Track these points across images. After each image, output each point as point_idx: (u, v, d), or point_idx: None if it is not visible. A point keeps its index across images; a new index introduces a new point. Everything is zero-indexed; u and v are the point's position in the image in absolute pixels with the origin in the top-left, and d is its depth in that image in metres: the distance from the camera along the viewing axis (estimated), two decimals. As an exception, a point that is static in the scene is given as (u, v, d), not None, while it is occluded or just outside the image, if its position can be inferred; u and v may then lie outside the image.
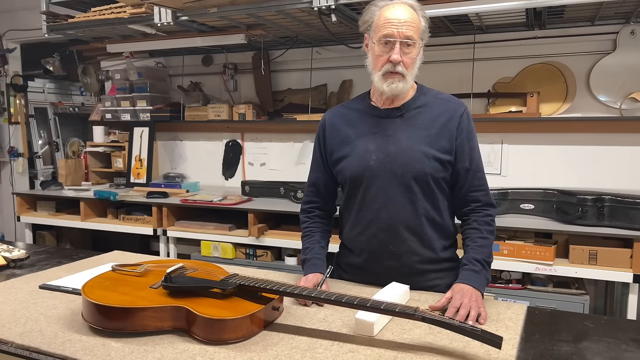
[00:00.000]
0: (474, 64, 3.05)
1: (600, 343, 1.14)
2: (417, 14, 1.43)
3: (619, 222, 2.35)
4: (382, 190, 1.48)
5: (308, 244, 1.59)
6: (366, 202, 1.51)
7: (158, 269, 1.41)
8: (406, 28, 1.39)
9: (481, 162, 1.52)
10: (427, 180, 1.46)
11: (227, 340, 1.11)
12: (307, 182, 1.67)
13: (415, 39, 1.41)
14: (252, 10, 2.62)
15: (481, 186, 1.50)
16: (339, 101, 3.36)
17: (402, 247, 1.49)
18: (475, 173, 1.49)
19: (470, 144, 1.49)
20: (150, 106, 3.74)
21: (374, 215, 1.50)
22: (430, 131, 1.47)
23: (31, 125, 5.18)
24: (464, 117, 1.49)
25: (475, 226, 1.48)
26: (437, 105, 1.51)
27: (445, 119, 1.48)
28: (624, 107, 2.78)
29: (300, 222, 1.67)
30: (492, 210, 1.51)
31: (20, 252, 1.77)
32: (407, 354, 1.07)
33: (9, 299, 1.40)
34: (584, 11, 2.62)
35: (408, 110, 1.50)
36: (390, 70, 1.42)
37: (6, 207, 4.84)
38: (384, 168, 1.47)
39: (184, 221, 3.20)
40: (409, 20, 1.40)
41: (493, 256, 1.49)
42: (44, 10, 3.18)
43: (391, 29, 1.40)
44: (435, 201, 1.49)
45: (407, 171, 1.45)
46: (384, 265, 1.51)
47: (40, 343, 1.11)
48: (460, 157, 1.48)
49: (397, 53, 1.40)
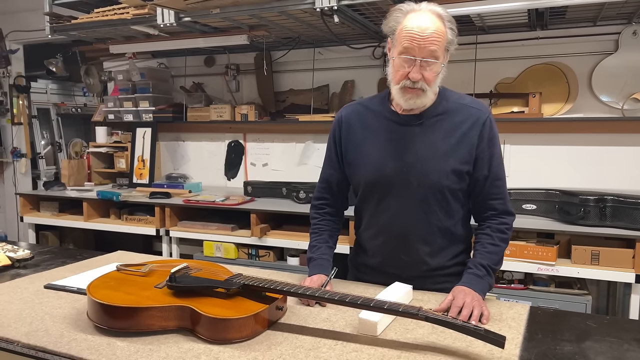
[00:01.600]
0: (476, 65, 3.06)
1: (603, 343, 1.14)
2: (444, 24, 1.35)
3: (621, 223, 2.35)
4: (396, 200, 1.45)
5: (315, 242, 1.58)
6: (379, 209, 1.49)
7: (162, 269, 1.42)
8: (430, 43, 1.31)
9: (501, 169, 1.47)
10: (443, 192, 1.43)
11: (231, 339, 1.11)
12: (320, 178, 1.63)
13: (438, 54, 1.33)
14: (254, 11, 2.62)
15: (499, 194, 1.45)
16: (341, 102, 3.37)
17: (413, 256, 1.48)
18: (494, 181, 1.44)
19: (490, 151, 1.43)
20: (153, 107, 3.75)
21: (386, 223, 1.48)
22: (450, 140, 1.42)
23: (34, 125, 5.19)
24: (487, 124, 1.43)
25: (488, 232, 1.45)
26: (458, 112, 1.44)
27: (467, 127, 1.42)
28: (626, 107, 2.78)
29: (310, 218, 1.65)
30: (508, 218, 1.47)
31: (24, 252, 1.77)
32: (410, 354, 1.07)
33: (14, 298, 1.41)
34: (586, 12, 2.62)
35: (428, 118, 1.44)
36: (409, 86, 1.36)
37: (9, 208, 4.85)
38: (400, 178, 1.43)
39: (187, 221, 3.21)
40: (434, 32, 1.31)
41: (502, 263, 1.46)
42: (47, 11, 3.20)
43: (412, 44, 1.31)
44: (450, 211, 1.46)
45: (423, 182, 1.42)
46: (394, 269, 1.50)
47: (46, 342, 1.12)
48: (479, 165, 1.43)
49: (417, 72, 1.33)
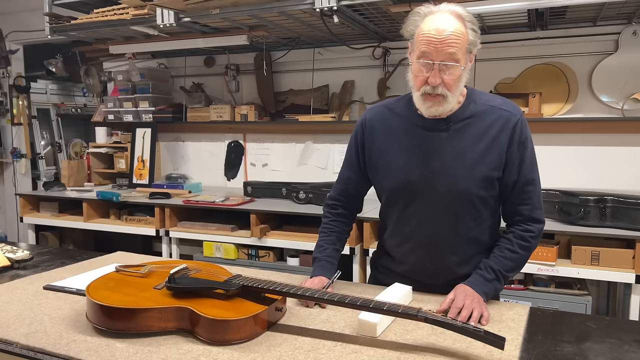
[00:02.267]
0: (476, 65, 3.04)
1: (603, 344, 1.14)
2: (465, 25, 1.28)
3: (622, 223, 2.35)
4: (423, 207, 1.40)
5: (323, 242, 1.56)
6: (405, 216, 1.44)
7: (161, 270, 1.42)
8: (447, 45, 1.25)
9: (534, 174, 1.38)
10: (472, 200, 1.37)
11: (230, 340, 1.11)
12: (338, 179, 1.59)
13: (458, 57, 1.26)
14: (254, 12, 2.62)
15: (527, 200, 1.38)
16: (341, 102, 3.37)
17: (440, 265, 1.43)
18: (523, 186, 1.37)
19: (521, 154, 1.37)
20: (153, 107, 3.75)
21: (412, 231, 1.44)
22: (479, 146, 1.36)
23: (34, 126, 5.19)
24: (518, 126, 1.36)
25: (510, 237, 1.40)
26: (488, 114, 1.38)
27: (497, 130, 1.36)
28: (626, 107, 2.77)
29: (322, 216, 1.62)
30: (534, 226, 1.39)
31: (24, 252, 1.77)
32: (410, 355, 1.07)
33: (13, 299, 1.40)
34: (586, 12, 2.62)
35: (456, 122, 1.37)
36: (429, 93, 1.30)
37: (9, 208, 4.85)
38: (426, 184, 1.38)
39: (187, 222, 3.21)
40: (452, 34, 1.25)
41: (518, 271, 1.42)
42: (47, 11, 3.20)
43: (429, 48, 1.26)
44: (479, 219, 1.41)
45: (451, 190, 1.36)
46: (421, 277, 1.46)
47: (45, 343, 1.12)
48: (509, 169, 1.37)
49: (435, 76, 1.27)
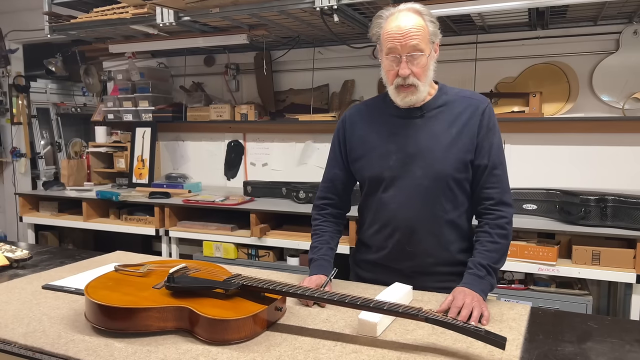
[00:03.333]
0: (476, 64, 3.05)
1: (604, 344, 1.13)
2: (423, 19, 1.40)
3: (622, 223, 2.34)
4: (401, 191, 1.47)
5: (317, 243, 1.58)
6: (384, 201, 1.50)
7: (161, 269, 1.41)
8: (410, 38, 1.37)
9: (502, 159, 1.47)
10: (448, 181, 1.44)
11: (230, 340, 1.11)
12: (323, 178, 1.65)
13: (421, 47, 1.38)
14: (254, 11, 2.62)
15: (496, 183, 1.45)
16: (341, 101, 3.36)
17: (418, 247, 1.48)
18: (492, 170, 1.45)
19: (490, 140, 1.45)
20: (153, 106, 3.75)
21: (391, 215, 1.49)
22: (452, 130, 1.45)
23: (33, 125, 5.18)
24: (486, 112, 1.46)
25: (486, 229, 1.44)
26: (458, 103, 1.48)
27: (467, 116, 1.46)
28: (626, 107, 2.77)
29: (312, 219, 1.65)
30: (505, 210, 1.45)
31: (23, 252, 1.77)
32: (410, 355, 1.06)
33: (12, 299, 1.40)
34: (586, 11, 2.61)
35: (429, 110, 1.48)
36: (401, 84, 1.42)
37: (9, 208, 4.84)
38: (404, 169, 1.46)
39: (186, 221, 3.20)
40: (413, 27, 1.37)
41: (504, 261, 1.45)
42: (47, 10, 3.19)
43: (394, 43, 1.38)
44: (456, 202, 1.47)
45: (427, 172, 1.44)
46: (398, 264, 1.51)
47: (44, 343, 1.12)
48: (479, 154, 1.45)
49: (405, 67, 1.39)
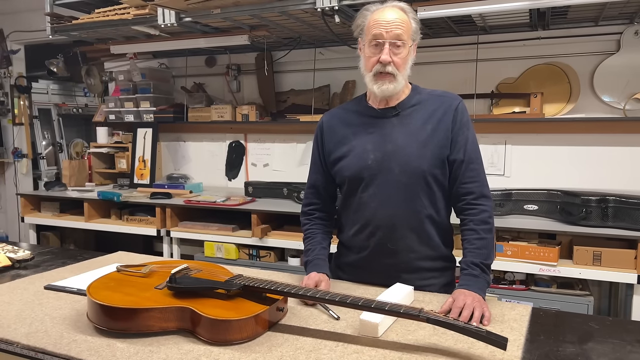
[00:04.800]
0: (477, 65, 3.05)
1: (606, 344, 1.13)
2: (407, 16, 1.46)
3: (623, 223, 2.34)
4: (380, 189, 1.48)
5: (310, 245, 1.60)
6: (364, 200, 1.51)
7: (162, 270, 1.42)
8: (395, 27, 1.41)
9: (477, 154, 1.49)
10: (425, 177, 1.46)
11: (232, 341, 1.11)
12: (307, 184, 1.67)
13: (404, 38, 1.43)
14: (255, 12, 2.62)
15: (474, 177, 1.46)
16: (342, 102, 3.37)
17: (399, 244, 1.49)
18: (469, 164, 1.46)
19: (464, 135, 1.47)
20: (154, 107, 3.75)
21: (371, 214, 1.50)
22: (427, 127, 1.47)
23: (35, 126, 5.20)
24: (459, 109, 1.49)
25: (471, 227, 1.44)
26: (431, 101, 1.51)
27: (441, 113, 1.48)
28: (628, 107, 2.77)
29: (301, 225, 1.67)
30: (486, 204, 1.45)
31: (25, 252, 1.77)
32: (411, 355, 1.07)
33: (14, 299, 1.40)
34: (587, 11, 2.61)
35: (404, 109, 1.51)
36: (381, 71, 1.44)
37: (10, 208, 4.85)
38: (382, 167, 1.48)
39: (188, 222, 3.21)
40: (398, 19, 1.43)
41: (494, 255, 1.46)
42: (48, 11, 3.19)
43: (380, 30, 1.42)
44: (433, 198, 1.49)
45: (404, 169, 1.46)
46: (381, 263, 1.52)
47: (46, 343, 1.12)
48: (454, 149, 1.47)
49: (387, 53, 1.42)
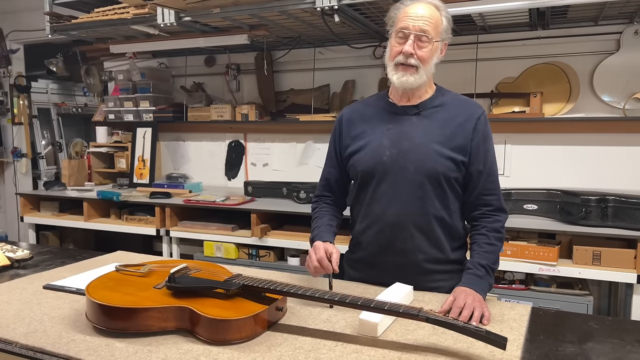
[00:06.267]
0: (477, 64, 3.05)
1: (605, 344, 1.13)
2: (440, 13, 1.46)
3: (623, 223, 2.34)
4: (393, 186, 1.48)
5: (316, 224, 1.59)
6: (376, 196, 1.51)
7: (161, 269, 1.41)
8: (423, 22, 1.41)
9: (496, 166, 1.51)
10: (439, 179, 1.45)
11: (231, 340, 1.11)
12: (320, 177, 1.68)
13: (430, 34, 1.42)
14: (254, 11, 2.62)
15: (493, 190, 1.49)
16: (342, 102, 3.36)
17: (408, 243, 1.48)
18: (489, 177, 1.48)
19: (485, 146, 1.48)
20: (153, 107, 3.75)
21: (382, 210, 1.50)
22: (445, 130, 1.47)
23: (34, 125, 5.19)
24: (481, 119, 1.48)
25: (483, 232, 1.47)
26: (454, 105, 1.51)
27: (462, 119, 1.48)
28: (627, 107, 2.77)
29: (311, 211, 1.66)
30: (502, 216, 1.49)
31: (24, 252, 1.77)
32: (411, 355, 1.07)
33: (13, 299, 1.40)
34: (587, 11, 2.61)
35: (425, 109, 1.50)
36: (402, 62, 1.43)
37: (9, 208, 4.85)
38: (397, 164, 1.47)
39: (187, 221, 3.21)
40: (427, 16, 1.42)
41: (499, 263, 1.48)
42: (48, 11, 3.19)
43: (407, 22, 1.42)
44: (446, 201, 1.48)
45: (419, 168, 1.45)
46: (389, 261, 1.51)
47: (45, 343, 1.12)
48: (474, 160, 1.47)
49: (410, 45, 1.41)
